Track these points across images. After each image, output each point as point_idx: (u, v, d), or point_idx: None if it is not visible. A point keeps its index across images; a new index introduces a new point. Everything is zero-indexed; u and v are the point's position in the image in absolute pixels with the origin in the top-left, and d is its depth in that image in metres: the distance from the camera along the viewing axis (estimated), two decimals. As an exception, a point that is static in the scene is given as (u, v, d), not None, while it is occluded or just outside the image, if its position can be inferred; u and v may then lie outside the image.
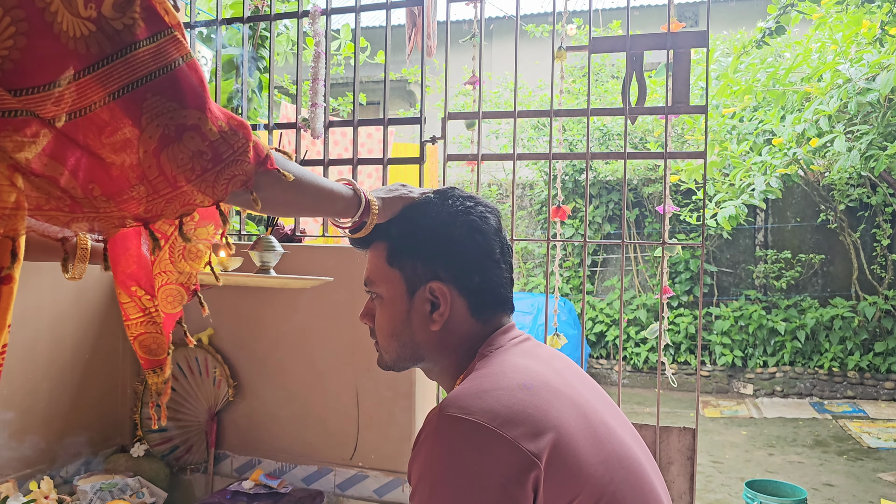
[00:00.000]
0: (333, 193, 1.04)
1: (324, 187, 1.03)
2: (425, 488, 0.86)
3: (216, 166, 0.86)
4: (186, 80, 0.84)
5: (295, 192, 0.97)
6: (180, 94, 0.83)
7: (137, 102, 0.81)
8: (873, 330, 6.70)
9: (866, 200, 6.72)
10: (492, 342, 1.01)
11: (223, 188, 0.88)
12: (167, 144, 0.83)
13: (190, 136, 0.84)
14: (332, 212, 1.07)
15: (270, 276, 1.36)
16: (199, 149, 0.84)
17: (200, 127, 0.84)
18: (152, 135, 0.82)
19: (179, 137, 0.83)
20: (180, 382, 2.07)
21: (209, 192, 0.88)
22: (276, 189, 0.94)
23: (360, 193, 1.07)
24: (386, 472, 1.91)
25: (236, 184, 0.89)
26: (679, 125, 6.69)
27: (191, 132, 0.84)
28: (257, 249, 1.37)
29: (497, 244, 1.04)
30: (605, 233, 7.65)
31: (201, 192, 0.88)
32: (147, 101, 0.81)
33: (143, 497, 1.88)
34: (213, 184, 0.87)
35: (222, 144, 0.86)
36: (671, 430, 1.90)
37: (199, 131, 0.84)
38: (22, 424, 1.83)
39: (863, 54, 4.12)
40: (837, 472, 4.69)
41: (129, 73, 0.80)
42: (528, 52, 6.46)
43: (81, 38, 0.76)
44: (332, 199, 1.04)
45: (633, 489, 0.91)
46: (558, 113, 1.99)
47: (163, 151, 0.83)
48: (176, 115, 0.83)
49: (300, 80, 2.16)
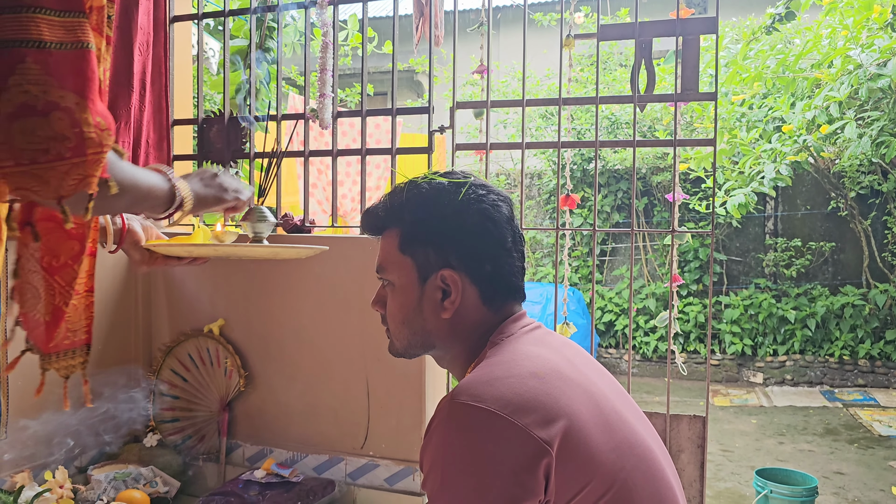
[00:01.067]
0: (151, 193, 1.01)
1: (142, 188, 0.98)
2: (437, 476, 0.86)
3: (73, 157, 0.79)
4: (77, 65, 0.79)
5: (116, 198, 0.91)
6: (64, 75, 0.78)
7: (12, 61, 0.76)
8: (884, 318, 6.67)
9: (877, 187, 6.67)
10: (503, 330, 1.02)
11: (73, 184, 0.80)
12: (27, 115, 0.76)
13: (59, 116, 0.77)
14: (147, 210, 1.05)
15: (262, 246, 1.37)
16: (62, 132, 0.78)
17: (74, 112, 0.78)
18: (12, 99, 0.76)
19: (46, 114, 0.77)
20: (192, 373, 2.09)
21: (54, 184, 0.79)
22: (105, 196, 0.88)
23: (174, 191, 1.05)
24: (397, 461, 1.92)
25: (88, 184, 0.82)
26: (688, 113, 6.65)
27: (61, 113, 0.77)
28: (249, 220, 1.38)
29: (509, 232, 1.04)
30: (613, 222, 7.63)
31: (43, 181, 0.79)
32: (24, 64, 0.76)
33: (157, 486, 1.89)
34: (62, 175, 0.79)
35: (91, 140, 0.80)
36: (681, 419, 1.90)
37: (72, 116, 0.78)
38: (36, 415, 1.84)
39: (874, 39, 4.08)
40: (848, 461, 4.68)
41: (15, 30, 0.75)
42: (536, 41, 6.43)
43: None
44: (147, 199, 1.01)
45: (644, 476, 0.91)
46: (567, 101, 1.98)
47: (17, 120, 0.76)
48: (51, 90, 0.77)
49: (308, 71, 2.16)
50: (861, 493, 4.14)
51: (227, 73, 2.19)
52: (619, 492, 0.87)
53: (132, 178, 0.95)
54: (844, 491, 4.17)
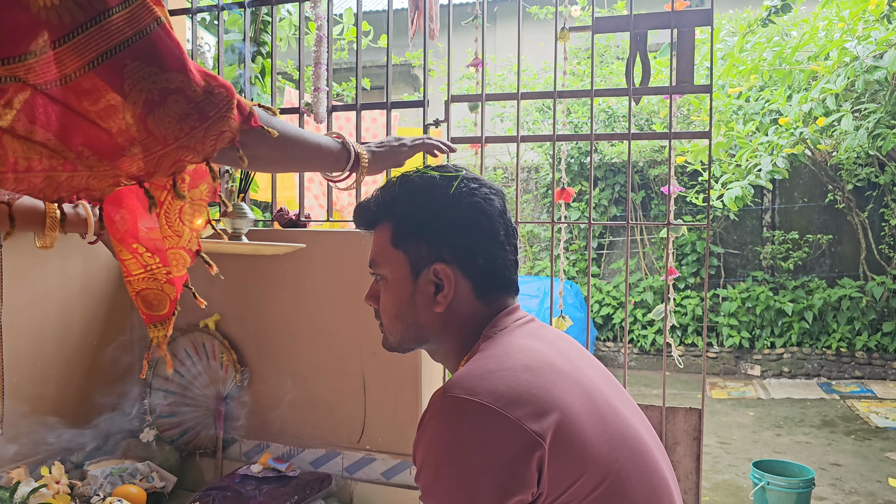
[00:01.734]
0: (321, 148, 1.05)
1: (311, 142, 1.03)
2: (430, 469, 0.86)
3: (203, 123, 0.87)
4: (163, 43, 0.84)
5: (282, 147, 0.98)
6: (159, 58, 0.83)
7: (118, 69, 0.81)
8: (881, 310, 6.68)
9: (874, 180, 6.67)
10: (496, 323, 1.02)
11: (212, 145, 0.89)
12: (152, 109, 0.83)
13: (175, 98, 0.84)
14: (322, 166, 1.09)
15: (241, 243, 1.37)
16: (184, 110, 0.85)
17: (184, 89, 0.85)
18: (136, 100, 0.82)
19: (164, 101, 0.84)
20: (188, 367, 2.08)
21: (199, 149, 0.88)
22: (262, 146, 0.95)
23: (348, 147, 1.07)
24: (393, 455, 1.93)
25: (224, 140, 0.90)
26: (685, 106, 6.65)
27: (175, 95, 0.84)
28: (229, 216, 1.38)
29: (501, 226, 1.03)
30: (611, 215, 7.63)
31: (191, 150, 0.88)
32: (127, 66, 0.81)
33: (153, 481, 1.89)
34: (201, 140, 0.88)
35: (207, 104, 0.87)
36: (677, 411, 1.90)
37: (184, 94, 0.85)
38: (32, 411, 1.84)
39: (870, 31, 4.08)
40: (845, 452, 4.69)
41: (105, 40, 0.80)
42: (531, 35, 6.43)
43: (52, 7, 0.76)
44: (320, 154, 1.05)
45: (637, 469, 0.91)
46: (562, 94, 1.98)
47: (148, 116, 0.83)
48: (158, 78, 0.83)
49: (303, 64, 2.16)
50: (858, 484, 4.15)
51: (221, 68, 2.18)
52: (613, 484, 0.87)
53: (296, 132, 1.01)
54: (841, 482, 4.19)
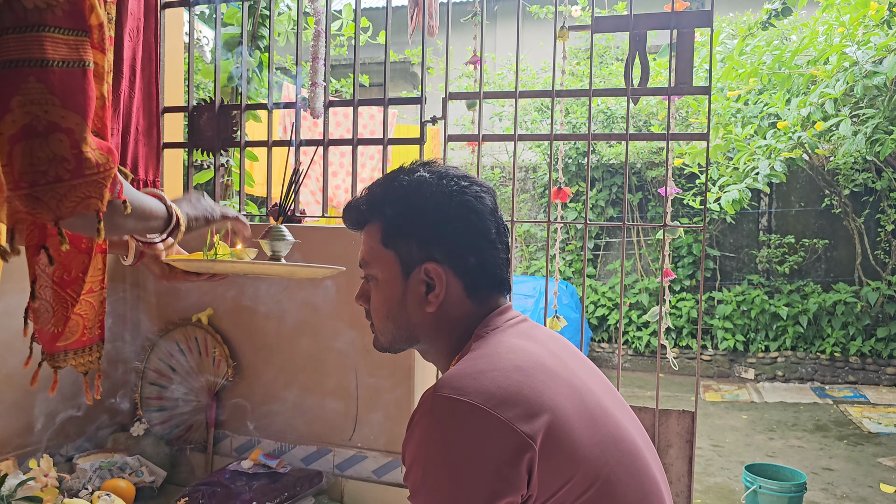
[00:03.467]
0: (153, 217, 1.02)
1: (146, 212, 1.00)
2: (419, 469, 0.86)
3: (73, 179, 0.78)
4: (79, 84, 0.78)
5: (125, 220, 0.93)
6: (66, 94, 0.77)
7: (16, 82, 0.75)
8: (876, 315, 6.69)
9: (871, 185, 6.67)
10: (488, 323, 1.01)
11: (70, 206, 0.80)
12: (28, 137, 0.76)
13: (59, 137, 0.77)
14: (147, 233, 1.07)
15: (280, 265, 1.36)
16: (62, 154, 0.77)
17: (75, 133, 0.77)
18: (16, 120, 0.75)
19: (47, 134, 0.76)
20: (180, 362, 2.07)
21: (52, 206, 0.79)
22: (114, 217, 0.88)
23: (173, 214, 1.07)
24: (385, 453, 1.92)
25: (88, 206, 0.81)
26: (683, 108, 6.65)
27: (62, 134, 0.77)
28: (268, 238, 1.37)
29: (493, 224, 1.02)
30: (608, 216, 7.62)
31: (43, 205, 0.78)
32: (28, 83, 0.75)
33: (143, 476, 1.88)
34: (61, 198, 0.78)
35: (90, 160, 0.79)
36: (670, 413, 1.90)
37: (72, 137, 0.77)
38: (22, 403, 1.83)
39: (870, 37, 4.08)
40: (837, 457, 4.70)
41: (20, 50, 0.75)
42: (531, 34, 6.42)
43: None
44: (149, 223, 1.03)
45: (628, 471, 0.91)
46: (560, 93, 1.97)
47: (20, 142, 0.76)
48: (52, 111, 0.76)
49: (300, 59, 2.15)
50: (850, 489, 4.16)
51: (218, 61, 2.17)
52: (603, 487, 0.87)
53: (140, 201, 0.96)
54: (833, 487, 4.19)
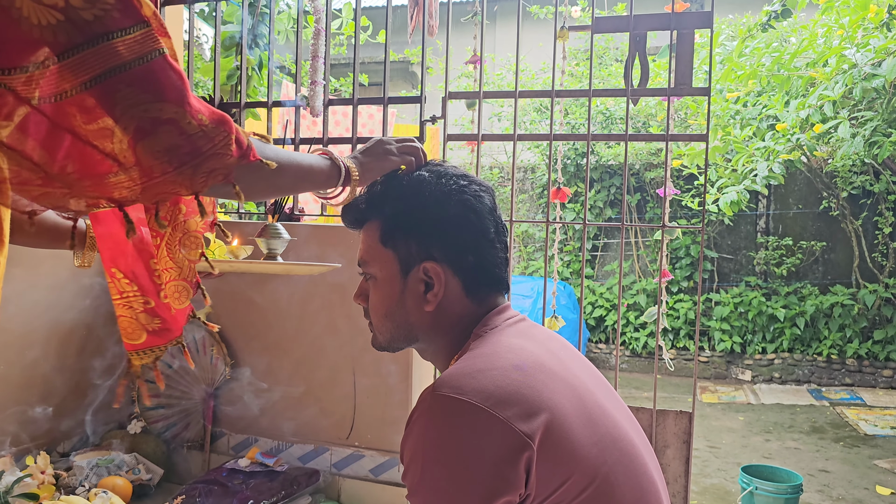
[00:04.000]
0: (313, 169, 1.04)
1: (303, 165, 1.03)
2: (417, 468, 0.86)
3: (194, 160, 0.85)
4: (163, 73, 0.82)
5: (277, 177, 0.97)
6: (156, 87, 0.82)
7: (110, 93, 0.80)
8: (873, 318, 6.70)
9: (869, 188, 6.68)
10: (486, 322, 1.01)
11: (201, 181, 0.87)
12: (142, 137, 0.82)
13: (166, 129, 0.82)
14: (314, 187, 1.07)
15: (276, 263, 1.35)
16: (174, 142, 0.83)
17: (177, 121, 0.83)
18: (127, 126, 0.81)
19: (154, 131, 0.82)
20: (177, 360, 2.07)
21: (186, 185, 0.87)
22: (257, 178, 0.94)
23: (338, 163, 1.07)
24: (382, 452, 1.92)
25: (216, 177, 0.88)
26: (682, 109, 6.65)
27: (167, 126, 0.82)
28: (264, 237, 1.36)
29: (491, 223, 1.02)
30: (606, 217, 7.63)
31: (178, 185, 0.87)
32: (120, 92, 0.80)
33: (140, 473, 1.88)
34: (190, 177, 0.86)
35: (202, 138, 0.85)
36: (667, 414, 1.90)
37: (176, 125, 0.83)
38: (19, 400, 1.83)
39: (869, 39, 4.08)
40: (833, 459, 4.71)
41: (100, 63, 0.79)
42: (531, 34, 6.41)
43: (48, 26, 0.75)
44: (312, 176, 1.04)
45: (626, 471, 0.91)
46: (559, 94, 1.97)
47: (138, 143, 0.82)
48: (150, 108, 0.81)
49: (300, 58, 2.14)
50: (845, 490, 4.16)
51: (217, 59, 2.17)
52: (601, 486, 0.87)
53: (288, 157, 1.00)
54: (829, 489, 4.20)
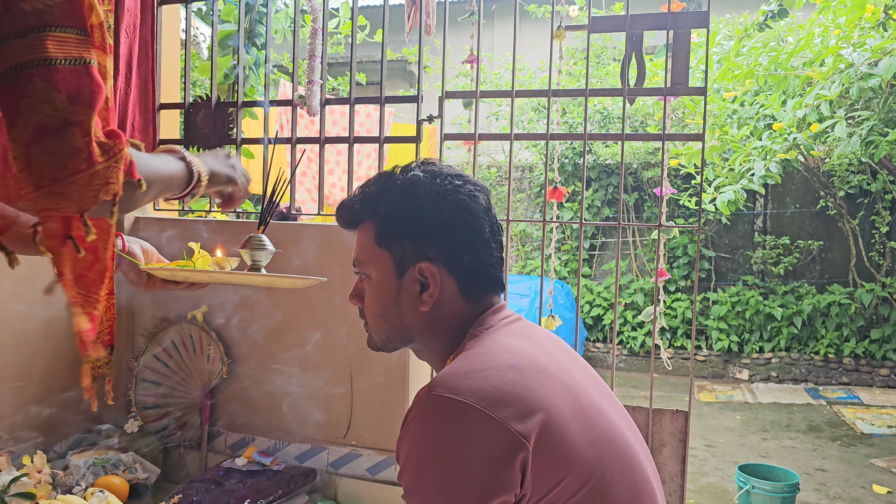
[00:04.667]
0: (172, 178, 1.02)
1: (164, 175, 1.00)
2: (413, 468, 0.86)
3: (90, 168, 0.79)
4: (84, 79, 0.79)
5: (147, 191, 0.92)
6: (73, 89, 0.78)
7: (21, 84, 0.75)
8: (870, 317, 6.71)
9: (866, 187, 6.70)
10: (482, 322, 1.01)
11: (93, 196, 0.81)
12: (44, 135, 0.76)
13: (71, 131, 0.77)
14: (169, 193, 1.06)
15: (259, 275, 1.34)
16: (77, 146, 0.78)
17: (85, 124, 0.78)
18: (28, 122, 0.76)
19: (60, 131, 0.77)
20: (174, 359, 2.07)
21: (76, 198, 0.80)
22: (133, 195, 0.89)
23: (192, 170, 1.06)
24: (379, 451, 1.92)
25: (108, 192, 0.82)
26: (679, 109, 6.65)
27: (74, 128, 0.78)
28: (248, 248, 1.35)
29: (487, 223, 1.02)
30: (603, 216, 7.63)
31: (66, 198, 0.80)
32: (34, 84, 0.76)
33: (136, 472, 1.88)
34: (83, 188, 0.80)
35: (102, 146, 0.80)
36: (664, 413, 1.90)
37: (83, 128, 0.78)
38: (15, 399, 1.82)
39: (866, 39, 4.08)
40: (830, 458, 4.72)
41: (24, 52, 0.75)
42: (529, 34, 6.41)
43: None
44: (170, 185, 1.02)
45: (622, 470, 0.91)
46: (556, 93, 1.97)
47: (35, 143, 0.76)
48: (62, 107, 0.77)
49: (297, 57, 2.14)
50: (842, 489, 4.17)
51: (214, 58, 2.17)
52: (597, 486, 0.87)
53: (156, 170, 0.96)
54: (826, 487, 4.20)
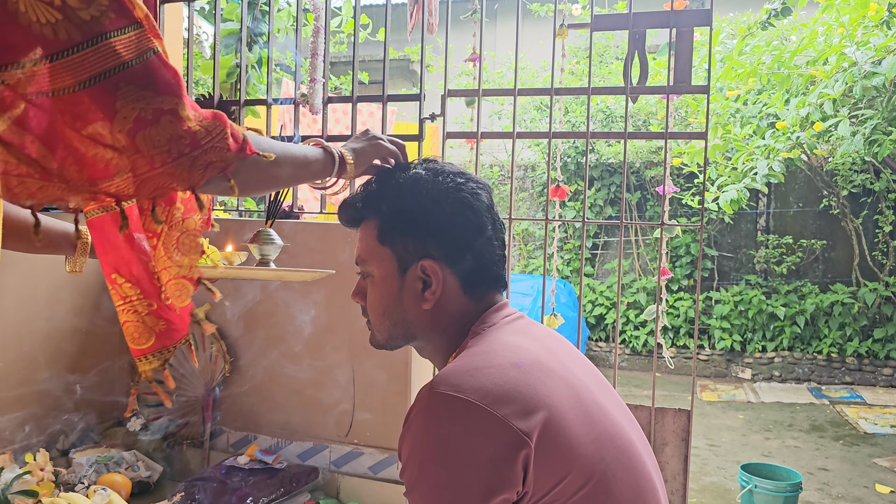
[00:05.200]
0: (308, 160, 1.05)
1: (298, 156, 1.03)
2: (415, 465, 0.86)
3: (193, 151, 0.86)
4: (159, 71, 0.84)
5: (274, 169, 0.98)
6: (155, 83, 0.84)
7: (111, 90, 0.81)
8: (873, 316, 6.70)
9: (869, 186, 6.68)
10: (484, 320, 1.01)
11: (199, 174, 0.88)
12: (143, 127, 0.83)
13: (168, 119, 0.84)
14: (311, 177, 1.08)
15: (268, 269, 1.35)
16: (176, 132, 0.84)
17: (178, 111, 0.84)
18: (127, 116, 0.82)
19: (157, 121, 0.83)
20: (177, 357, 2.07)
21: (184, 178, 0.87)
22: (254, 172, 0.94)
23: (332, 152, 1.08)
24: (381, 450, 1.92)
25: (213, 170, 0.89)
26: (682, 108, 6.64)
27: (168, 116, 0.84)
28: (256, 242, 1.35)
29: (489, 221, 1.02)
30: (606, 215, 7.63)
31: (176, 178, 0.87)
32: (121, 89, 0.81)
33: (139, 470, 1.88)
34: (188, 169, 0.87)
35: (200, 131, 0.86)
36: (666, 412, 1.90)
37: (177, 115, 0.84)
38: (19, 398, 1.83)
39: (869, 37, 4.08)
40: (833, 457, 4.71)
41: (100, 62, 0.80)
42: (532, 32, 6.41)
43: (48, 24, 0.77)
44: (308, 166, 1.05)
45: (624, 469, 0.91)
46: (559, 91, 1.97)
47: (138, 133, 0.83)
48: (152, 100, 0.83)
49: (299, 55, 2.14)
50: (845, 489, 4.17)
51: (217, 57, 2.17)
52: (599, 484, 0.87)
53: (283, 149, 1.00)
54: (828, 487, 4.20)
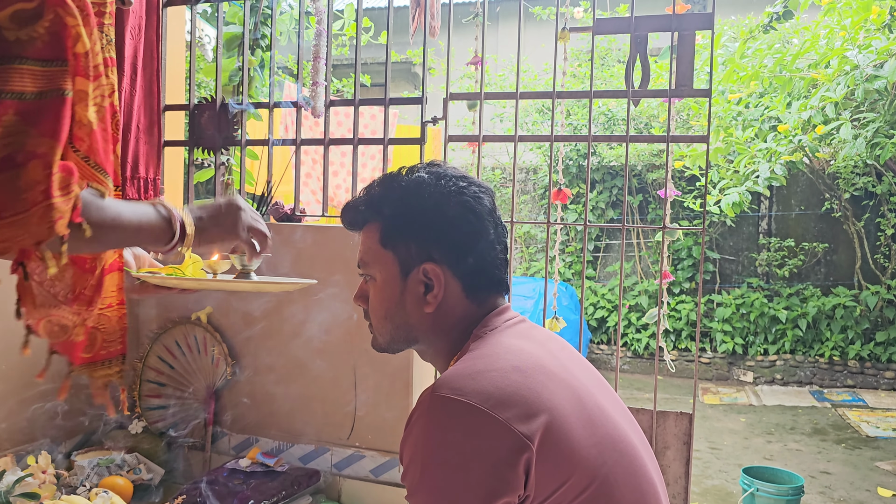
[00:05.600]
0: (141, 230, 0.97)
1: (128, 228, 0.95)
2: (417, 469, 0.86)
3: (45, 200, 0.78)
4: (55, 112, 0.78)
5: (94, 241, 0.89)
6: (44, 122, 0.77)
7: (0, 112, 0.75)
8: (875, 319, 6.69)
9: (871, 189, 6.68)
10: (486, 323, 1.01)
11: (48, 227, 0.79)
12: (7, 168, 0.75)
13: (35, 164, 0.76)
14: (144, 245, 1.02)
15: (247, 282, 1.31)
16: (37, 178, 0.77)
17: (48, 156, 0.77)
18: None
19: (25, 164, 0.76)
20: (178, 360, 2.08)
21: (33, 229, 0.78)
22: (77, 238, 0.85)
23: (174, 223, 1.00)
24: (383, 453, 1.92)
25: (63, 227, 0.80)
26: (684, 111, 6.65)
27: (39, 160, 0.77)
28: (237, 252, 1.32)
29: (491, 224, 1.02)
30: (608, 218, 7.63)
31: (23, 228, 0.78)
32: (8, 115, 0.75)
33: (140, 473, 1.88)
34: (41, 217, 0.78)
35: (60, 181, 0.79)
36: (668, 415, 1.90)
37: (45, 160, 0.77)
38: (20, 400, 1.83)
39: (871, 41, 4.08)
40: (835, 461, 4.70)
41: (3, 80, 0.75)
42: (533, 36, 6.42)
43: None
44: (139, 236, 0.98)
45: (625, 472, 0.91)
46: (560, 95, 1.97)
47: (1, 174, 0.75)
48: (29, 140, 0.76)
49: (302, 58, 2.15)
50: (847, 492, 4.16)
51: (219, 60, 2.17)
52: (601, 487, 0.87)
53: (113, 217, 0.92)
54: (830, 490, 4.19)
